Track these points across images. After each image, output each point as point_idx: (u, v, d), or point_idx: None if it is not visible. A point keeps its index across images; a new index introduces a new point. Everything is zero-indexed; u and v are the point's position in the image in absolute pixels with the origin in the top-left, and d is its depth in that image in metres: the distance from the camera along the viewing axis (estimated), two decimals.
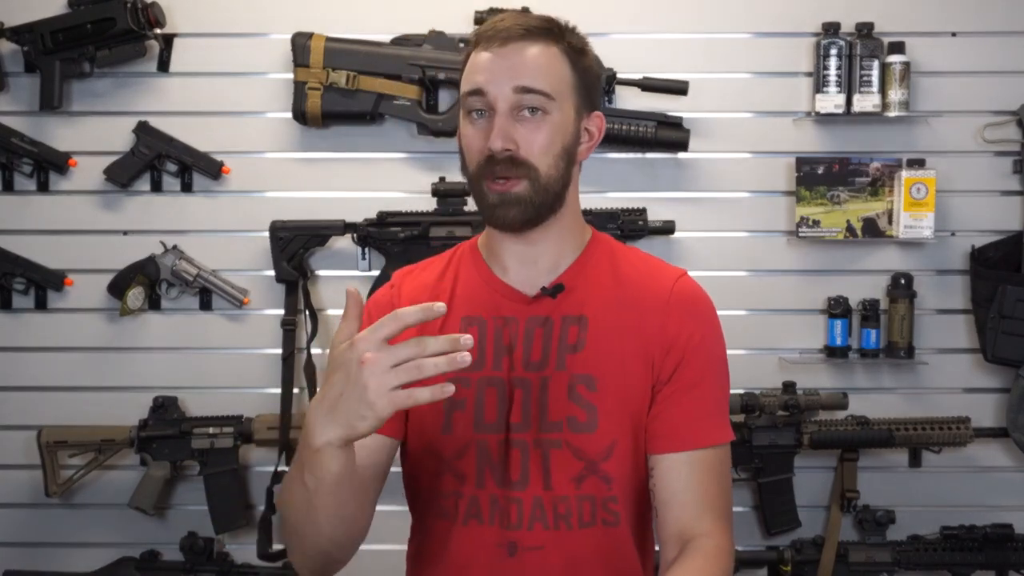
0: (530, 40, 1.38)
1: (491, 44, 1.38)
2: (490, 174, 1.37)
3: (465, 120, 1.41)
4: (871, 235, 2.49)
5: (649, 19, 2.51)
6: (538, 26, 1.39)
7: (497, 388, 1.41)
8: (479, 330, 1.43)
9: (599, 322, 1.42)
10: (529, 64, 1.37)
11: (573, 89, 1.41)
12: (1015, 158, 2.50)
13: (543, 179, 1.38)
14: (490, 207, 1.39)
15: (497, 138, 1.35)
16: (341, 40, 2.46)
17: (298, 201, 2.52)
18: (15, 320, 2.56)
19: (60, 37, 2.45)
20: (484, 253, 1.49)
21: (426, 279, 1.51)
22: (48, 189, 2.54)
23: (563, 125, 1.39)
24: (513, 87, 1.36)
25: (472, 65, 1.40)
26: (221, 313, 2.55)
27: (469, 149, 1.40)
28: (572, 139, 1.41)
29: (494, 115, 1.37)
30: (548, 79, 1.37)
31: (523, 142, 1.36)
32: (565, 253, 1.46)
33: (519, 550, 1.40)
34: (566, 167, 1.41)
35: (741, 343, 2.49)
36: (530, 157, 1.37)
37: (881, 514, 2.46)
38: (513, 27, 1.38)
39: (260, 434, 2.46)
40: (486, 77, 1.37)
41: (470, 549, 1.41)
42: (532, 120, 1.37)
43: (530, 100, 1.36)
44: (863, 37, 2.45)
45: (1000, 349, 2.43)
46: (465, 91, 1.39)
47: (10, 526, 2.57)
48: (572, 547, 1.40)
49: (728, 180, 2.53)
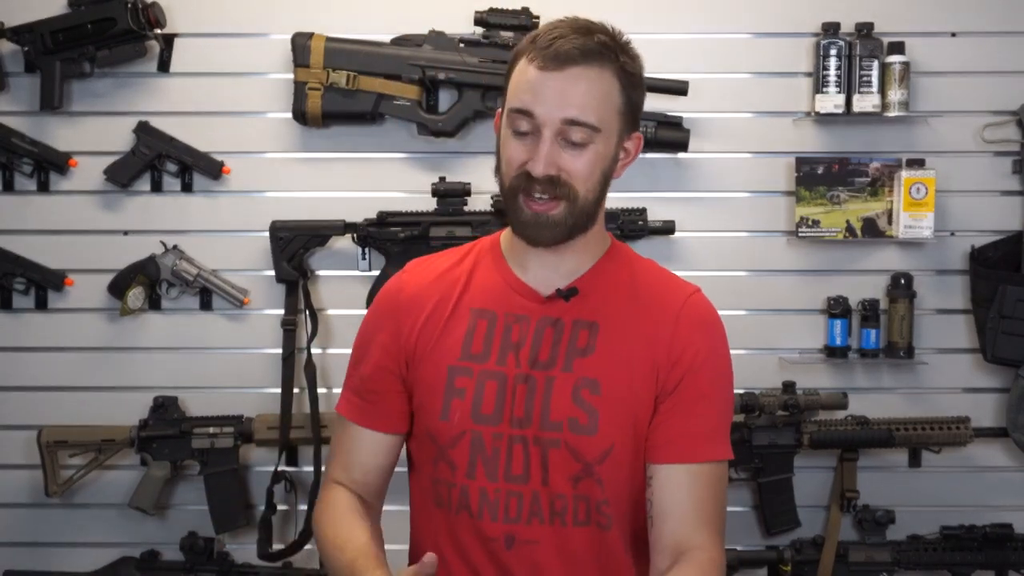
0: (585, 64, 1.36)
1: (547, 64, 1.36)
2: (528, 190, 1.38)
3: (508, 129, 1.40)
4: (871, 235, 2.49)
5: (649, 19, 2.51)
6: (595, 48, 1.37)
7: (498, 382, 1.42)
8: (489, 323, 1.44)
9: (610, 329, 1.43)
10: (582, 95, 1.35)
11: (619, 115, 1.40)
12: (1015, 158, 2.50)
13: (581, 203, 1.39)
14: (523, 224, 1.40)
15: (541, 163, 1.36)
16: (341, 40, 2.46)
17: (298, 201, 2.52)
18: (15, 320, 2.56)
19: (60, 37, 2.45)
20: (504, 247, 1.51)
21: (436, 268, 1.52)
22: (48, 189, 2.54)
23: (606, 152, 1.40)
24: (563, 119, 1.35)
25: (523, 79, 1.38)
26: (221, 313, 2.55)
27: (509, 160, 1.40)
28: (611, 162, 1.43)
29: (539, 136, 1.36)
30: (597, 112, 1.37)
31: (566, 167, 1.37)
32: (585, 259, 1.47)
33: (516, 543, 1.41)
34: (603, 189, 1.43)
35: (741, 343, 2.49)
36: (571, 181, 1.37)
37: (881, 514, 2.46)
38: (572, 50, 1.36)
39: (260, 434, 2.46)
40: (536, 100, 1.36)
41: (464, 540, 1.43)
42: (576, 145, 1.37)
43: (577, 132, 1.36)
44: (863, 37, 2.45)
45: (1000, 349, 2.43)
46: (513, 107, 1.38)
47: (10, 526, 2.57)
48: (567, 544, 1.41)
49: (728, 180, 2.53)
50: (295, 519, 2.52)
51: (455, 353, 1.44)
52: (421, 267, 1.54)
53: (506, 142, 1.40)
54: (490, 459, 1.41)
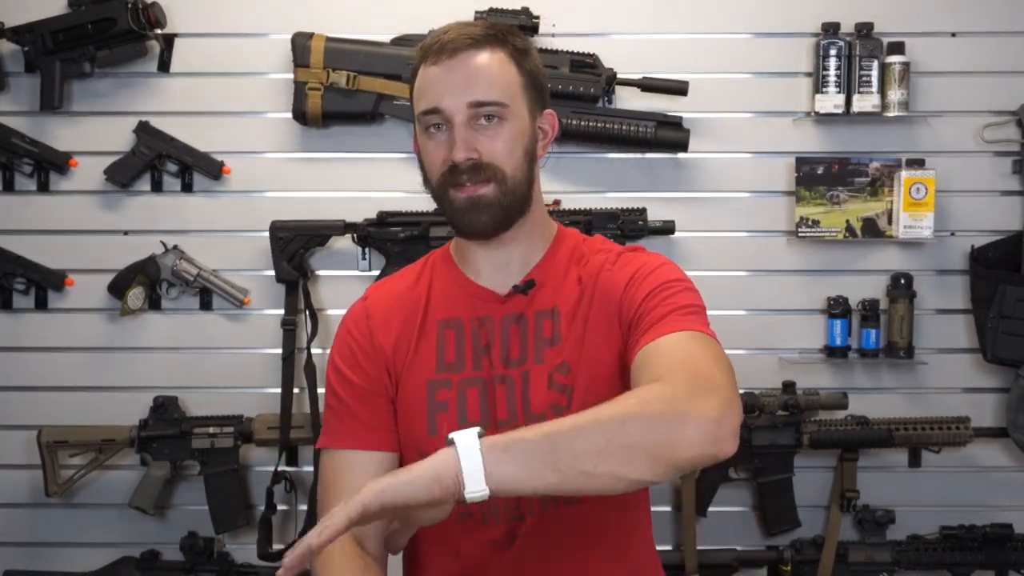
0: (476, 49, 1.40)
1: (440, 57, 1.39)
2: (455, 182, 1.39)
3: (423, 135, 1.43)
4: (871, 235, 2.49)
5: (649, 19, 2.51)
6: (482, 34, 1.41)
7: (479, 387, 1.43)
8: (456, 332, 1.45)
9: (568, 307, 1.44)
10: (480, 75, 1.39)
11: (524, 90, 1.43)
12: (1015, 158, 2.50)
13: (510, 181, 1.40)
14: (459, 212, 1.41)
15: (460, 149, 1.38)
16: (341, 40, 2.46)
17: (298, 201, 2.52)
18: (15, 320, 2.56)
19: (60, 37, 2.45)
20: (456, 258, 1.51)
21: (398, 288, 1.52)
22: (48, 189, 2.54)
23: (520, 128, 1.42)
24: (468, 102, 1.38)
25: (424, 82, 1.42)
26: (221, 313, 2.55)
27: (431, 163, 1.42)
28: (531, 140, 1.44)
29: (452, 127, 1.39)
30: (500, 87, 1.39)
31: (485, 149, 1.39)
32: (534, 250, 1.48)
33: (517, 538, 1.42)
34: (529, 168, 1.44)
35: (741, 343, 2.50)
36: (494, 161, 1.39)
37: (881, 514, 2.46)
38: (459, 38, 1.40)
39: (260, 434, 2.46)
40: (440, 93, 1.39)
41: (467, 547, 1.43)
42: (490, 127, 1.39)
43: (485, 111, 1.39)
44: (863, 37, 2.45)
45: (1000, 349, 2.43)
46: (421, 110, 1.41)
47: (10, 526, 2.57)
48: (563, 525, 1.41)
49: (728, 180, 2.53)
50: (295, 519, 2.52)
51: (431, 367, 1.44)
52: (382, 291, 1.54)
53: (423, 147, 1.43)
54: None
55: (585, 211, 2.44)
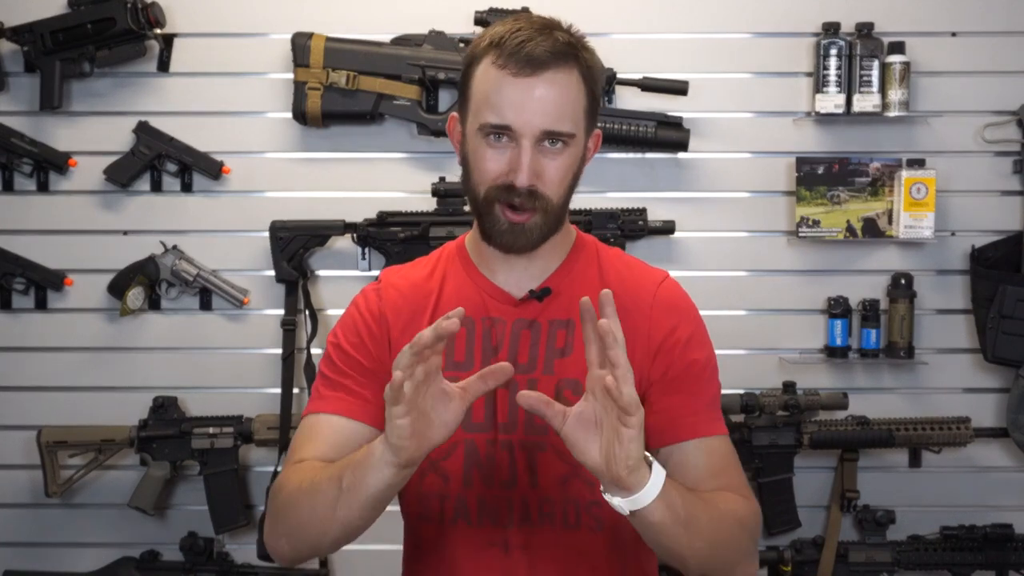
0: (555, 67, 1.34)
1: (519, 69, 1.33)
2: (507, 201, 1.36)
3: (480, 138, 1.37)
4: (871, 235, 2.49)
5: (649, 19, 2.51)
6: (562, 48, 1.35)
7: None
8: (467, 330, 1.43)
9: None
10: (558, 103, 1.34)
11: (586, 115, 1.40)
12: (1015, 158, 2.50)
13: (555, 209, 1.38)
14: (500, 232, 1.38)
15: (524, 175, 1.34)
16: (341, 40, 2.46)
17: (298, 201, 2.52)
18: (15, 320, 2.56)
19: (60, 37, 2.45)
20: (471, 252, 1.49)
21: (413, 277, 1.50)
22: (48, 189, 2.54)
23: (578, 153, 1.40)
24: (543, 130, 1.34)
25: (495, 89, 1.35)
26: (221, 313, 2.55)
27: (484, 170, 1.37)
28: (581, 163, 1.42)
29: (518, 146, 1.35)
30: (571, 117, 1.36)
31: (544, 176, 1.36)
32: (553, 258, 1.46)
33: (511, 547, 1.40)
34: (572, 190, 1.42)
35: (741, 343, 2.49)
36: (547, 191, 1.36)
37: (881, 514, 2.46)
38: (539, 51, 1.33)
39: (260, 434, 2.46)
40: (516, 112, 1.33)
41: (462, 550, 1.42)
42: (553, 151, 1.36)
43: (555, 141, 1.36)
44: (863, 37, 2.45)
45: (1000, 349, 2.43)
46: (490, 121, 1.35)
47: (10, 526, 2.57)
48: (558, 547, 1.40)
49: (728, 180, 2.53)
50: None
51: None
52: (396, 276, 1.52)
53: (478, 151, 1.38)
54: (485, 465, 1.40)
55: (585, 211, 2.44)
